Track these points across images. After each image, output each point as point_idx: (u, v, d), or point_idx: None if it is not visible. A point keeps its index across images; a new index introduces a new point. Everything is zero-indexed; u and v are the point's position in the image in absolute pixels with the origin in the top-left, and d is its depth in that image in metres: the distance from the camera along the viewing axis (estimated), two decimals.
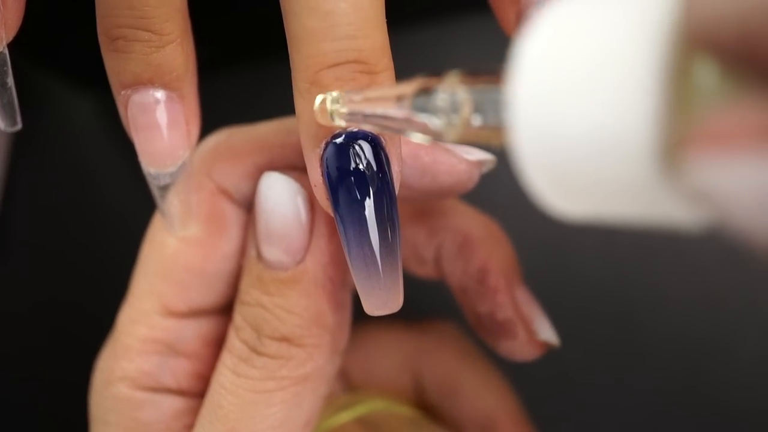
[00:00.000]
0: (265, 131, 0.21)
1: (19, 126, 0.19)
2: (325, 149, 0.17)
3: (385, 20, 0.17)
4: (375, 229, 0.17)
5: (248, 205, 0.21)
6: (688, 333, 0.30)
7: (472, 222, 0.23)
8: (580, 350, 0.31)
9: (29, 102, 0.36)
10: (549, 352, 0.26)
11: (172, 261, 0.21)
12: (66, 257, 0.34)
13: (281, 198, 0.19)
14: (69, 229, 0.34)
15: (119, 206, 0.34)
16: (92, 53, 0.22)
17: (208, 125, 0.21)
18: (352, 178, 0.17)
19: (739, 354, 0.30)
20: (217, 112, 0.22)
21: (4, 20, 0.18)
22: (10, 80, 0.19)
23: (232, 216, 0.21)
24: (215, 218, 0.21)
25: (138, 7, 0.17)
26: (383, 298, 0.17)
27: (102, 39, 0.18)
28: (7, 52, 0.18)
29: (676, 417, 0.30)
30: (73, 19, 0.26)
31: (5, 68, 0.18)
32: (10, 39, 0.18)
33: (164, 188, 0.20)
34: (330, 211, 0.18)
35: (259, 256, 0.20)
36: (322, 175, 0.17)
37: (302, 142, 0.17)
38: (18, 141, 0.35)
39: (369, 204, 0.17)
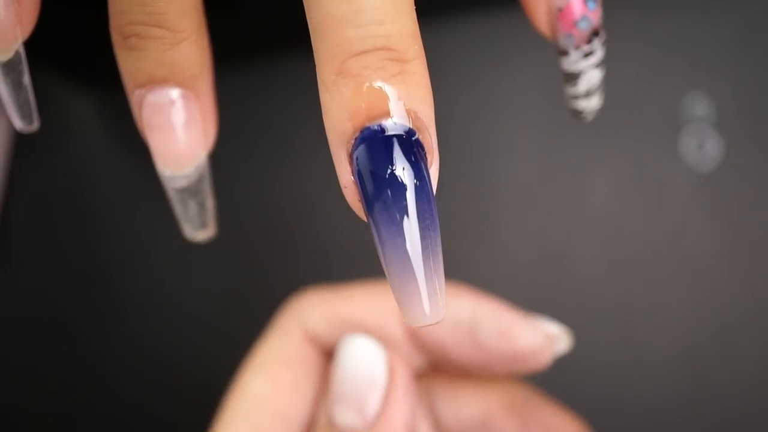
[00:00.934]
0: (358, 290, 0.21)
1: (35, 125, 0.19)
2: (355, 147, 0.16)
3: (413, 5, 0.16)
4: (413, 231, 0.16)
5: (329, 356, 0.21)
6: (688, 333, 0.30)
7: (566, 425, 0.22)
8: (580, 350, 0.31)
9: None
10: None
11: (259, 404, 0.21)
12: (66, 258, 0.34)
13: (361, 360, 0.19)
14: (69, 230, 0.34)
15: (119, 206, 0.34)
16: (92, 53, 0.22)
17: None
18: (386, 177, 0.15)
19: (739, 354, 0.30)
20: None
21: (19, 19, 0.17)
22: (26, 79, 0.18)
23: (317, 364, 0.21)
24: (303, 364, 0.21)
25: (151, 4, 0.17)
26: (425, 308, 0.16)
27: (115, 37, 0.18)
28: (22, 51, 0.18)
29: (676, 417, 0.30)
30: (73, 20, 0.26)
31: (21, 67, 0.18)
32: (26, 38, 0.18)
33: (181, 191, 0.20)
34: (361, 213, 0.16)
35: (331, 422, 0.19)
36: (353, 175, 0.16)
37: (329, 139, 0.16)
38: (18, 141, 0.35)
39: (405, 204, 0.15)
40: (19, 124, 0.19)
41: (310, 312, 0.21)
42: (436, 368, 0.23)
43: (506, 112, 0.33)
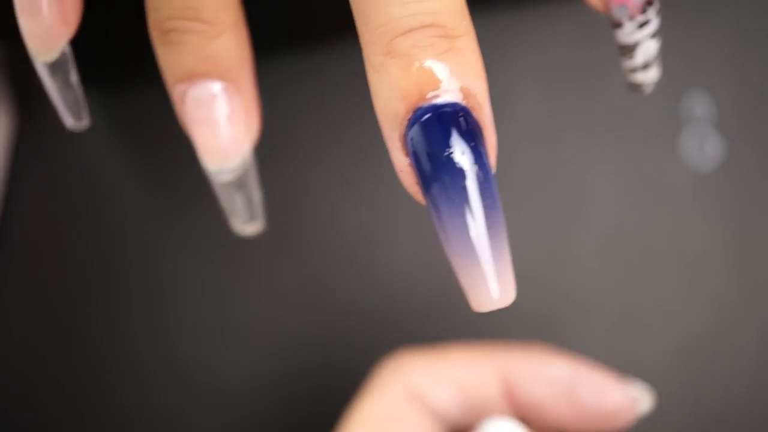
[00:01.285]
0: (454, 350, 0.22)
1: (85, 123, 0.19)
2: (408, 128, 0.15)
3: None
4: (474, 212, 0.15)
5: (439, 416, 0.22)
6: (688, 333, 0.30)
7: None
8: (580, 350, 0.31)
9: (29, 102, 0.36)
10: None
11: None
12: (66, 257, 0.34)
13: None
14: (69, 230, 0.34)
15: (119, 206, 0.34)
16: (93, 53, 0.21)
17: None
18: (444, 158, 0.15)
19: (739, 354, 0.30)
20: None
21: (64, 18, 0.17)
22: (74, 78, 0.18)
23: (419, 422, 0.21)
24: (405, 421, 0.21)
25: None
26: (492, 290, 0.15)
27: (154, 33, 0.18)
28: (68, 50, 0.18)
29: (676, 417, 0.30)
30: None
31: (67, 67, 0.18)
32: (71, 36, 0.18)
33: (227, 185, 0.19)
34: (419, 197, 0.16)
35: None
36: (407, 156, 0.15)
37: (381, 122, 0.16)
38: (18, 141, 0.35)
39: (465, 184, 0.15)
40: (70, 121, 0.19)
41: (410, 371, 0.22)
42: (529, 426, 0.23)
43: (506, 112, 0.33)
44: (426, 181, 0.15)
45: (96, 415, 0.32)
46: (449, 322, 0.31)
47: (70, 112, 0.19)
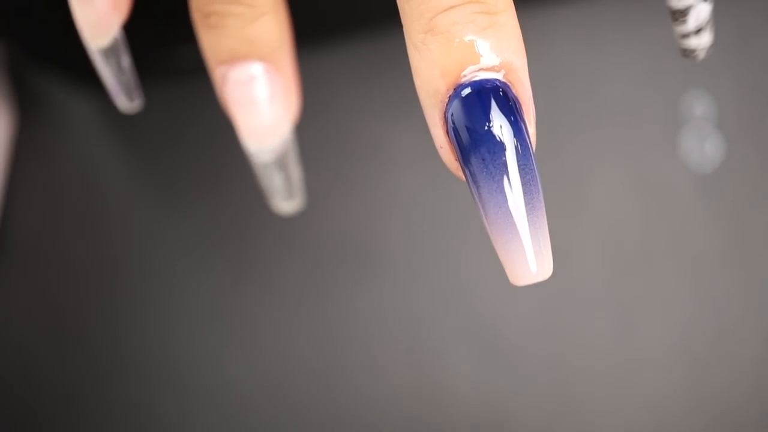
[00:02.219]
0: None
1: (138, 104, 0.20)
2: (448, 105, 0.15)
3: None
4: (514, 187, 0.15)
5: None
6: (688, 333, 0.30)
7: None
8: (580, 350, 0.31)
9: (29, 102, 0.36)
10: (549, 352, 0.26)
11: None
12: (66, 257, 0.34)
13: None
14: (69, 230, 0.34)
15: (119, 206, 0.34)
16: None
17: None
18: (484, 133, 0.15)
19: (739, 354, 0.30)
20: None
21: (115, 4, 0.18)
22: (126, 62, 0.19)
23: None
24: None
25: None
26: (531, 265, 0.15)
27: (195, 16, 0.18)
28: (120, 35, 0.18)
29: (676, 417, 0.30)
30: (73, 20, 0.26)
31: (120, 52, 0.19)
32: (122, 23, 0.18)
33: (267, 165, 0.20)
34: (459, 173, 0.16)
35: None
36: (447, 134, 0.15)
37: (421, 100, 0.16)
38: (18, 141, 0.35)
39: (505, 160, 0.15)
40: (123, 103, 0.19)
41: None
42: None
43: None
44: (465, 156, 0.15)
45: (96, 415, 0.32)
46: (449, 321, 0.31)
47: (124, 93, 0.19)
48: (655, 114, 0.32)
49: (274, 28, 0.18)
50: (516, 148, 0.15)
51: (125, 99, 0.19)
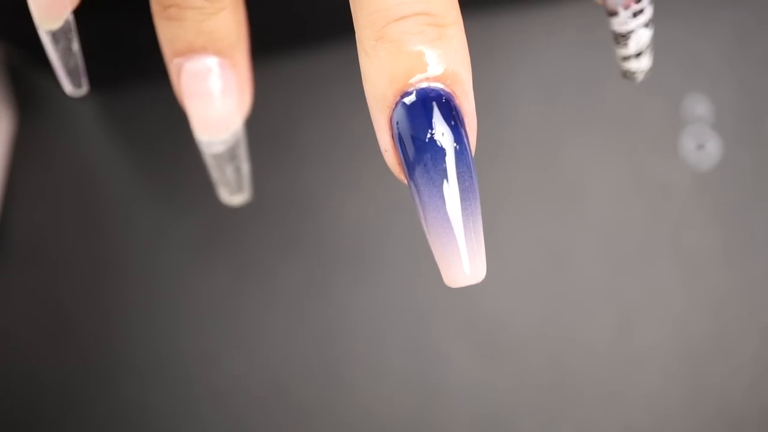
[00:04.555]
0: None
1: (84, 89, 0.20)
2: (395, 111, 0.16)
3: None
4: (452, 194, 0.16)
5: None
6: (688, 333, 0.30)
7: None
8: (579, 350, 0.31)
9: (29, 102, 0.36)
10: (548, 352, 0.26)
11: None
12: (66, 257, 0.34)
13: None
14: (69, 230, 0.34)
15: (119, 206, 0.34)
16: (93, 53, 0.21)
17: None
18: (426, 141, 0.16)
19: (738, 354, 0.30)
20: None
21: None
22: (76, 46, 0.19)
23: None
24: None
25: None
26: (465, 268, 0.16)
27: (155, 7, 0.18)
28: (71, 19, 0.19)
29: (675, 417, 0.30)
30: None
31: (70, 35, 0.19)
32: (75, 5, 0.18)
33: (218, 156, 0.20)
34: (402, 177, 0.17)
35: None
36: (393, 139, 0.16)
37: (370, 104, 0.16)
38: (18, 141, 0.35)
39: (445, 167, 0.16)
40: (69, 88, 0.19)
41: None
42: None
43: (506, 112, 0.33)
44: (408, 162, 0.16)
45: (96, 415, 0.32)
46: (449, 321, 0.31)
47: (70, 78, 0.19)
48: (654, 114, 0.32)
49: (231, 23, 0.18)
50: (456, 156, 0.16)
51: (70, 84, 0.19)
